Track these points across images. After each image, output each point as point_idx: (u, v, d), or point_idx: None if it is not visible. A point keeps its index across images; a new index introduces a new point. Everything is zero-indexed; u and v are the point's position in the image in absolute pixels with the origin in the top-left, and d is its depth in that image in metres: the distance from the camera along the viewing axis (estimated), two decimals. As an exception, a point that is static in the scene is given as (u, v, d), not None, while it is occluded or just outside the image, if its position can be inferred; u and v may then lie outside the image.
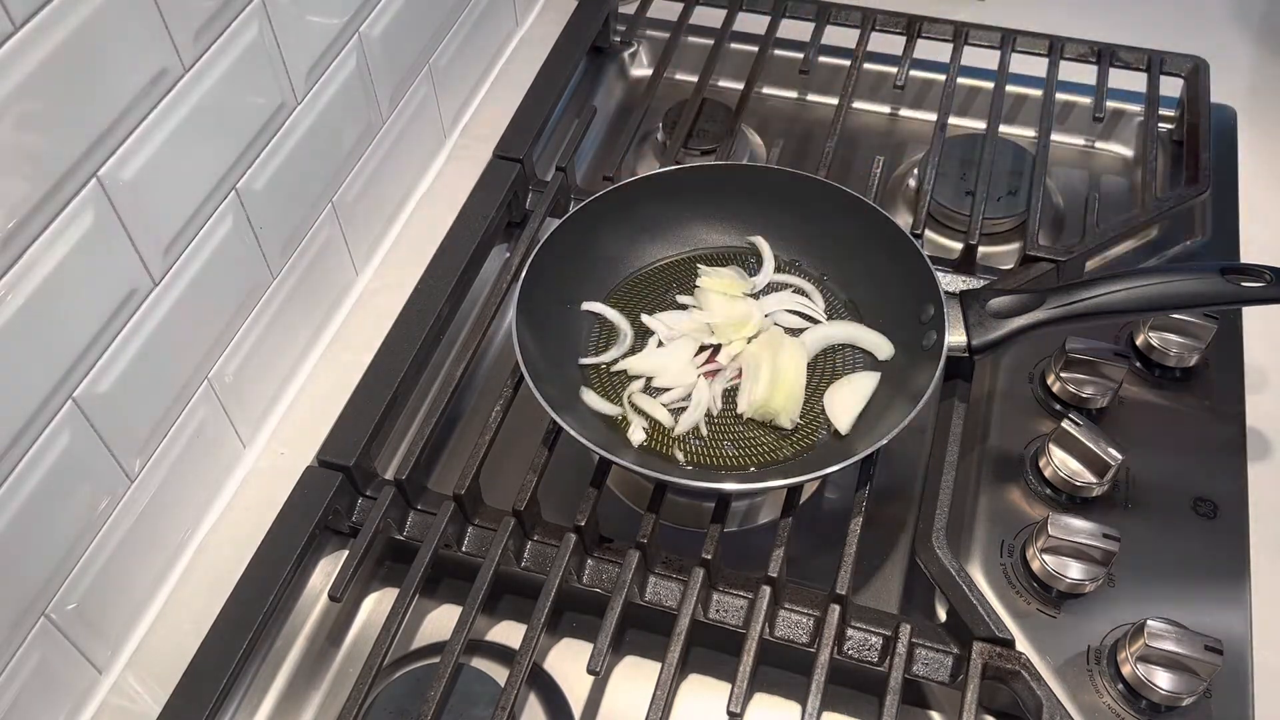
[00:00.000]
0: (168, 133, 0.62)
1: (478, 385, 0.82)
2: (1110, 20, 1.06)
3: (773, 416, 0.70)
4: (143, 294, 0.63)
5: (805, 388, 0.71)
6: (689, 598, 0.63)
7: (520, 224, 0.90)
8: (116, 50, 0.57)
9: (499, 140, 0.91)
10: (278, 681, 0.67)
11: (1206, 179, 0.86)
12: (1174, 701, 0.61)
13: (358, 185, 0.83)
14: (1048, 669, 0.64)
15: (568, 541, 0.65)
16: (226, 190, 0.68)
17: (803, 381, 0.71)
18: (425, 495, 0.71)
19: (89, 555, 0.63)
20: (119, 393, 0.62)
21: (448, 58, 0.93)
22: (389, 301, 0.82)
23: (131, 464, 0.65)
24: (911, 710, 0.65)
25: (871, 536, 0.71)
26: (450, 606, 0.70)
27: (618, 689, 0.66)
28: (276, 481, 0.72)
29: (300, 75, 0.73)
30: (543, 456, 0.68)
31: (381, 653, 0.62)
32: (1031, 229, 0.82)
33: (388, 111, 0.85)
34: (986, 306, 0.71)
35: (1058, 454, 0.71)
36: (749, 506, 0.74)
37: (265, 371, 0.77)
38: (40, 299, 0.55)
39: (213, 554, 0.72)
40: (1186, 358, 0.77)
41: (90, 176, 0.57)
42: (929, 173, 0.86)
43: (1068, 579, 0.65)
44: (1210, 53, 0.95)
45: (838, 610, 0.63)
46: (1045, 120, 0.90)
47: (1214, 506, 0.71)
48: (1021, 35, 0.97)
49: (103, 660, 0.66)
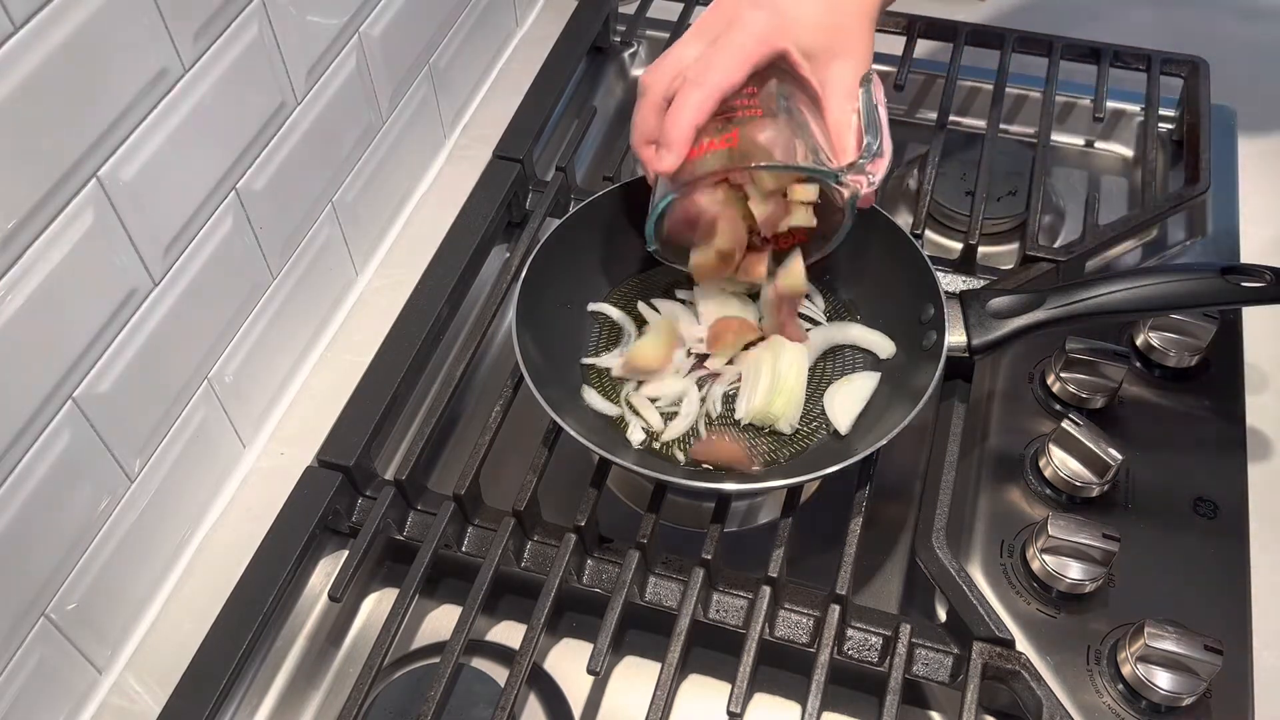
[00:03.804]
0: (168, 133, 0.62)
1: (478, 385, 0.82)
2: (1110, 20, 1.06)
3: (772, 422, 0.69)
4: (143, 294, 0.63)
5: (805, 392, 0.71)
6: (689, 598, 0.63)
7: (520, 224, 0.90)
8: (116, 50, 0.57)
9: (499, 140, 0.91)
10: (278, 681, 0.67)
11: (1206, 179, 0.86)
12: (1174, 701, 0.61)
13: (358, 185, 0.83)
14: (1048, 669, 0.64)
15: (568, 541, 0.65)
16: (226, 190, 0.68)
17: (803, 387, 0.71)
18: (425, 495, 0.71)
19: (89, 555, 0.63)
20: (119, 393, 0.62)
21: (448, 58, 0.93)
22: (389, 301, 0.82)
23: (131, 464, 0.65)
24: (911, 710, 0.65)
25: (871, 536, 0.71)
26: (450, 606, 0.70)
27: (618, 689, 0.66)
28: (276, 481, 0.72)
29: (300, 75, 0.73)
30: (543, 456, 0.68)
31: (381, 653, 0.62)
32: (1031, 229, 0.82)
33: (388, 111, 0.85)
34: (986, 306, 0.71)
35: (1058, 454, 0.71)
36: (749, 506, 0.74)
37: (265, 371, 0.77)
38: (40, 299, 0.55)
39: (213, 554, 0.72)
40: (1186, 358, 0.77)
41: (90, 176, 0.57)
42: (929, 173, 0.86)
43: (1068, 579, 0.65)
44: (1210, 53, 0.95)
45: (838, 610, 0.63)
46: (1045, 120, 0.90)
47: (1214, 506, 0.71)
48: (1021, 35, 0.97)
49: (103, 660, 0.66)
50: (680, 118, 0.62)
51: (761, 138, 0.63)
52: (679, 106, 0.63)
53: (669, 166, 0.63)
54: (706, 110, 0.62)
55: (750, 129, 0.63)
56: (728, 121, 0.64)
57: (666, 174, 0.64)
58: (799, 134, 0.64)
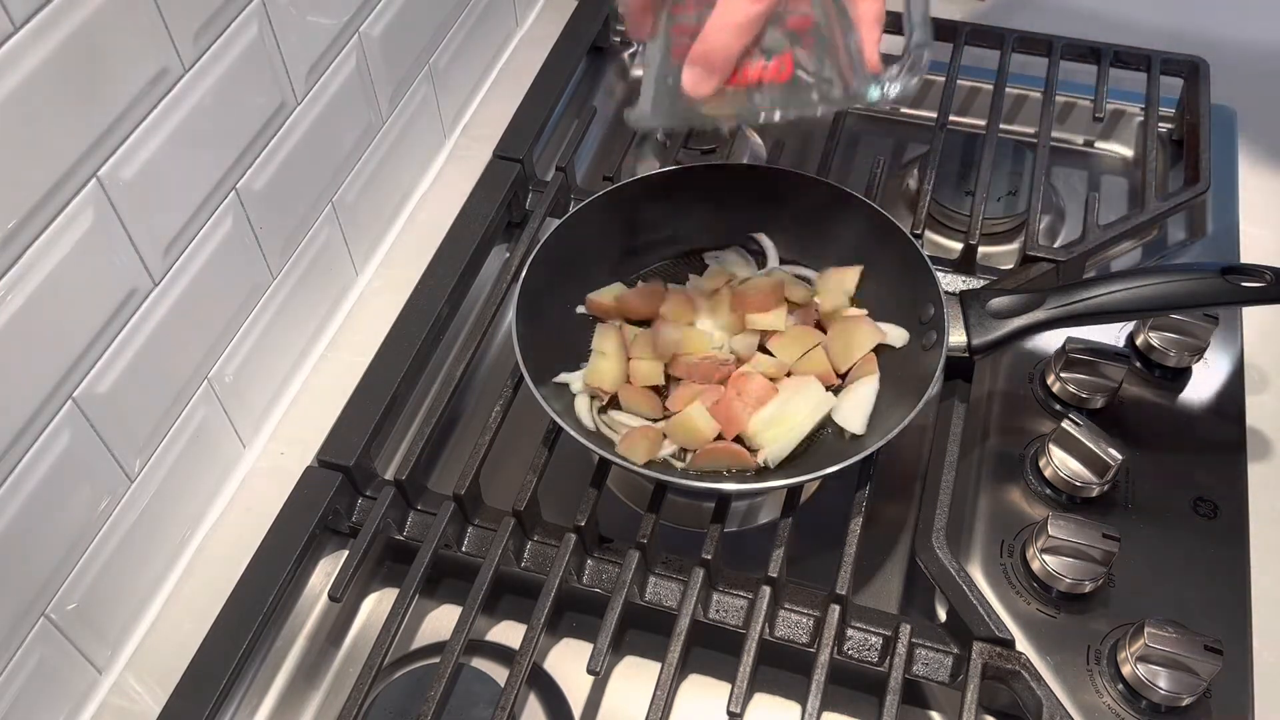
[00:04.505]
0: (168, 133, 0.62)
1: (478, 385, 0.82)
2: (1110, 20, 1.06)
3: (756, 446, 0.68)
4: (143, 294, 0.63)
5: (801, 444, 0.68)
6: (689, 598, 0.63)
7: (520, 224, 0.90)
8: (116, 50, 0.57)
9: (499, 140, 0.91)
10: (278, 681, 0.67)
11: (1206, 179, 0.86)
12: (1174, 701, 0.61)
13: (358, 185, 0.83)
14: (1048, 669, 0.64)
15: (568, 541, 0.65)
16: (226, 190, 0.68)
17: (802, 434, 0.68)
18: (425, 495, 0.71)
19: (89, 555, 0.63)
20: (119, 393, 0.62)
21: (448, 58, 0.93)
22: (389, 301, 0.82)
23: (131, 464, 0.65)
24: (911, 710, 0.65)
25: (871, 536, 0.71)
26: (450, 606, 0.70)
27: (618, 689, 0.66)
28: (276, 481, 0.72)
29: (300, 75, 0.73)
30: (543, 456, 0.68)
31: (381, 653, 0.62)
32: (1031, 229, 0.82)
33: (388, 111, 0.85)
34: (986, 306, 0.71)
35: (1058, 454, 0.71)
36: (749, 506, 0.74)
37: (265, 371, 0.77)
38: (40, 299, 0.55)
39: (213, 554, 0.72)
40: (1186, 358, 0.77)
41: (90, 176, 0.57)
42: (929, 173, 0.86)
43: (1068, 579, 0.65)
44: (1210, 53, 0.95)
45: (838, 610, 0.63)
46: (1045, 120, 0.90)
47: (1214, 506, 0.71)
48: (1021, 35, 0.97)
49: (103, 660, 0.66)
50: (725, 37, 0.53)
51: (812, 70, 0.56)
52: (726, 21, 0.53)
53: (708, 90, 0.55)
54: (757, 29, 0.54)
55: (801, 52, 0.56)
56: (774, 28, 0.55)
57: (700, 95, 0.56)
58: (843, 39, 0.57)
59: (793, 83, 0.56)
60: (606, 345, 0.72)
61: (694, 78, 0.55)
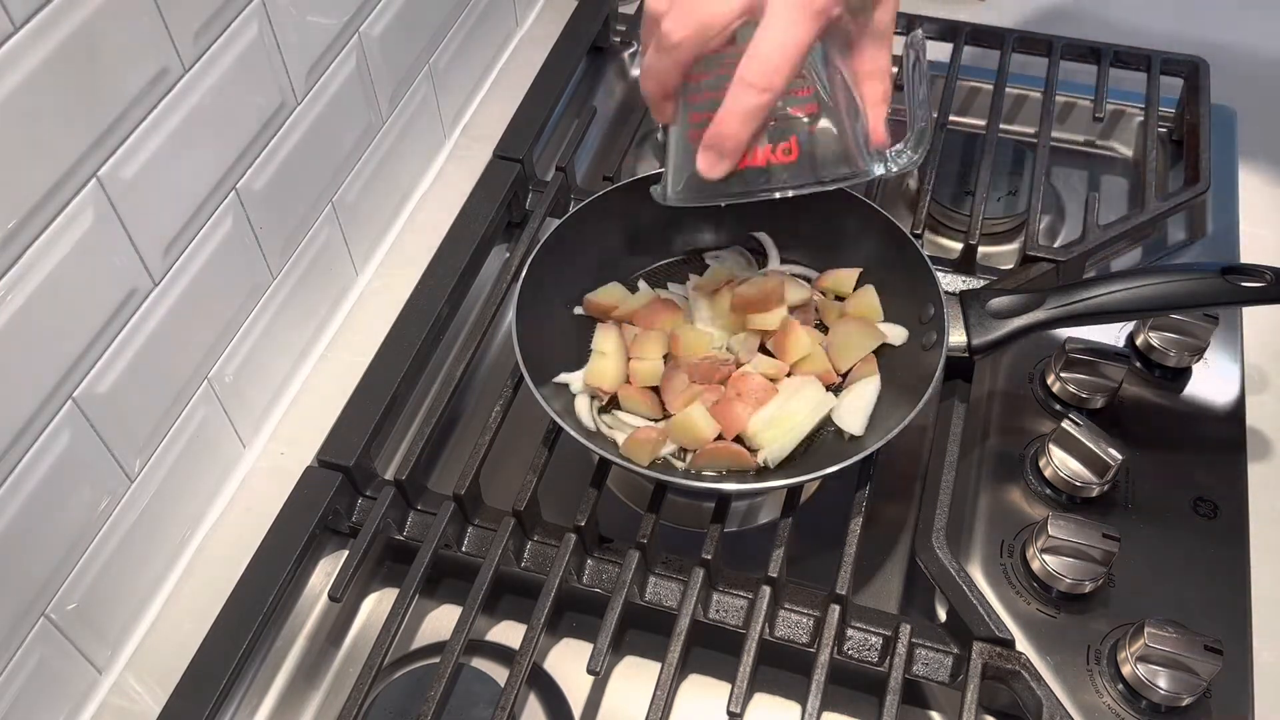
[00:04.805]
0: (168, 133, 0.62)
1: (478, 385, 0.82)
2: (1110, 20, 1.06)
3: (756, 446, 0.68)
4: (143, 294, 0.63)
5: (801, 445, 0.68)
6: (689, 598, 0.63)
7: (520, 224, 0.90)
8: (116, 50, 0.57)
9: (499, 140, 0.91)
10: (278, 681, 0.67)
11: (1206, 179, 0.86)
12: (1174, 701, 0.61)
13: (358, 185, 0.83)
14: (1048, 669, 0.64)
15: (568, 541, 0.65)
16: (226, 190, 0.68)
17: (801, 435, 0.68)
18: (425, 495, 0.71)
19: (89, 555, 0.63)
20: (119, 393, 0.62)
21: (448, 58, 0.93)
22: (389, 301, 0.82)
23: (131, 464, 0.65)
24: (911, 710, 0.65)
25: (871, 536, 0.71)
26: (450, 606, 0.70)
27: (618, 689, 0.66)
28: (276, 481, 0.72)
29: (300, 75, 0.73)
30: (543, 456, 0.68)
31: (381, 653, 0.62)
32: (1031, 229, 0.82)
33: (388, 111, 0.85)
34: (986, 306, 0.71)
35: (1058, 454, 0.71)
36: (749, 506, 0.74)
37: (265, 371, 0.77)
38: (40, 299, 0.55)
39: (213, 554, 0.72)
40: (1186, 358, 0.77)
41: (90, 176, 0.57)
42: (929, 173, 0.86)
43: (1068, 579, 0.65)
44: (1210, 53, 0.95)
45: (838, 610, 0.63)
46: (1045, 120, 0.90)
47: (1214, 506, 0.71)
48: (1021, 35, 0.97)
49: (103, 660, 0.66)
50: (735, 125, 0.56)
51: (819, 150, 0.59)
52: (735, 111, 0.56)
53: (720, 173, 0.58)
54: (764, 117, 0.56)
55: (807, 134, 0.59)
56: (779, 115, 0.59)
57: (713, 179, 0.59)
58: (849, 119, 0.60)
59: (800, 163, 0.60)
60: (606, 345, 0.72)
61: (708, 161, 0.58)
